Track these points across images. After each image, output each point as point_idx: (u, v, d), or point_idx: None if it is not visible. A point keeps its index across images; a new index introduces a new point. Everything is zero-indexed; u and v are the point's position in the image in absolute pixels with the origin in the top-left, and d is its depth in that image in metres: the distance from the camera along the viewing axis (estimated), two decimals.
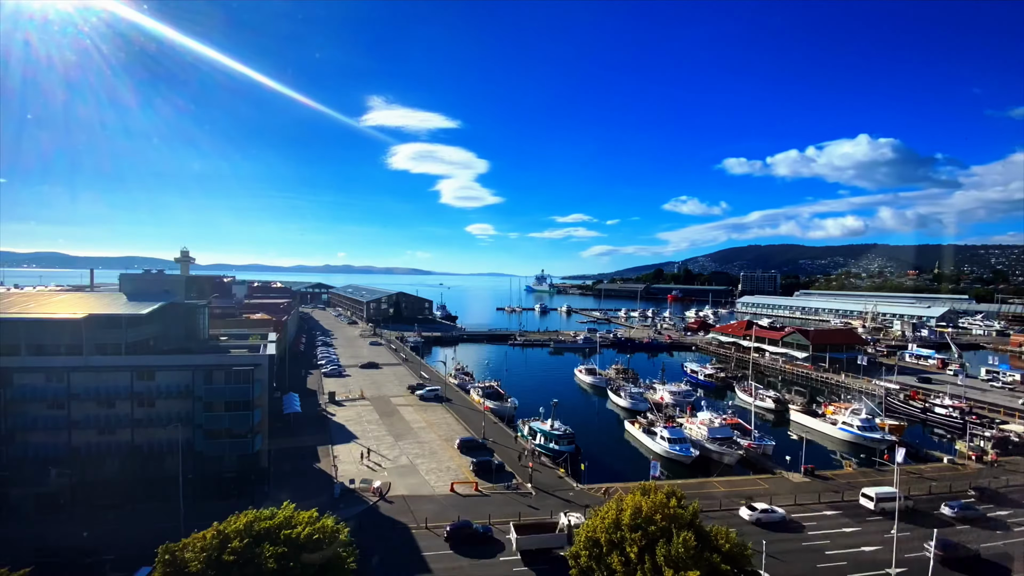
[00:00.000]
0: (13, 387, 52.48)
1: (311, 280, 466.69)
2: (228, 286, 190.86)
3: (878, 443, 79.21)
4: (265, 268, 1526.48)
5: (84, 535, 47.73)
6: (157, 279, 79.55)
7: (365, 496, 57.63)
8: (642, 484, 41.28)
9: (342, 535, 35.36)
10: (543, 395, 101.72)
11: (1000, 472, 68.35)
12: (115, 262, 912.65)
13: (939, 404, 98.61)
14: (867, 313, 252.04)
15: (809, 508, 57.89)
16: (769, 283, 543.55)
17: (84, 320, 55.40)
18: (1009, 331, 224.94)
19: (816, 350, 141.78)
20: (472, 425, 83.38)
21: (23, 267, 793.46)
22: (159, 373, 56.14)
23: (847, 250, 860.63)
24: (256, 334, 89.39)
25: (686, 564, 32.18)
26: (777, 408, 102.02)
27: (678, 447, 73.10)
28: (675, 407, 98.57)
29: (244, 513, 34.78)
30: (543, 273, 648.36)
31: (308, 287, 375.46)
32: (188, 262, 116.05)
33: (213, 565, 31.04)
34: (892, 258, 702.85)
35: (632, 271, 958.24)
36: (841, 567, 45.86)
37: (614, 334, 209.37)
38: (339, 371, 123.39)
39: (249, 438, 57.50)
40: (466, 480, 62.58)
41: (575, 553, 37.00)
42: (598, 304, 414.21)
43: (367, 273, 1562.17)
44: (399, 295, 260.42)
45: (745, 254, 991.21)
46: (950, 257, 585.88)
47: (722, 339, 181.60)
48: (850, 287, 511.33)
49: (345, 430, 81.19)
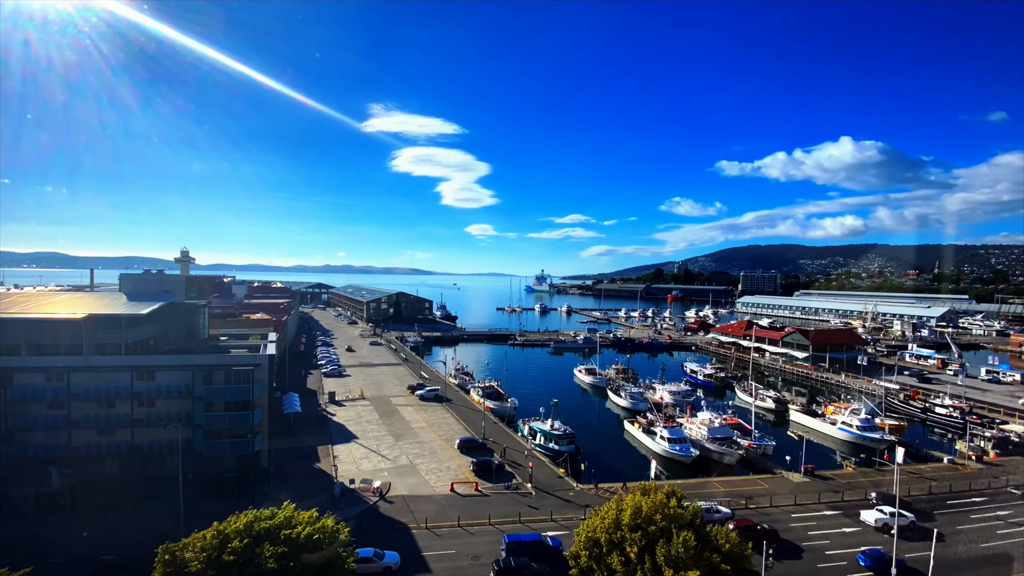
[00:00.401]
0: (13, 387, 52.47)
1: (311, 280, 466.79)
2: (228, 286, 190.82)
3: (878, 443, 79.22)
4: (265, 268, 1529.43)
5: (84, 535, 47.79)
6: (157, 279, 79.55)
7: (365, 496, 57.65)
8: (642, 484, 41.28)
9: (342, 535, 35.36)
10: (543, 395, 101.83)
11: (1000, 472, 68.38)
12: (115, 262, 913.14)
13: (939, 404, 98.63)
14: (867, 313, 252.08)
15: (809, 508, 57.90)
16: (769, 283, 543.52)
17: (84, 320, 55.36)
18: (1009, 331, 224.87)
19: (816, 350, 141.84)
20: (472, 425, 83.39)
21: (23, 267, 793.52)
22: (159, 373, 56.12)
23: (847, 250, 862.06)
24: (256, 334, 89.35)
25: (686, 564, 32.19)
26: (777, 408, 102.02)
27: (678, 447, 73.09)
28: (675, 407, 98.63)
29: (244, 513, 34.79)
30: (543, 273, 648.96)
31: (308, 287, 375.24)
32: (188, 262, 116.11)
33: (213, 565, 31.05)
34: (892, 258, 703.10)
35: (632, 271, 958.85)
36: (841, 567, 45.89)
37: (614, 334, 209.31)
38: (339, 371, 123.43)
39: (249, 438, 57.49)
40: (466, 480, 62.59)
41: (575, 553, 36.99)
42: (598, 304, 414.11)
43: (367, 273, 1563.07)
44: (399, 295, 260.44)
45: (745, 254, 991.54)
46: (950, 257, 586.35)
47: (722, 339, 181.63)
48: (850, 287, 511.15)
49: (345, 430, 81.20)
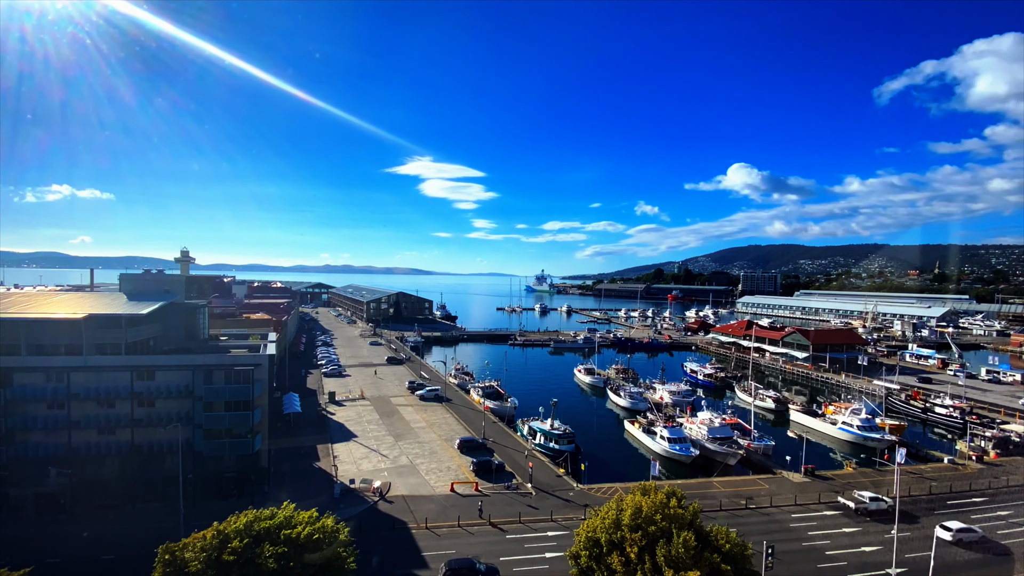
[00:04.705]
0: (13, 387, 52.46)
1: (311, 280, 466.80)
2: (228, 286, 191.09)
3: (878, 443, 79.18)
4: (265, 268, 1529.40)
5: (84, 535, 47.78)
6: (157, 279, 79.18)
7: (365, 496, 57.66)
8: (642, 484, 41.22)
9: (342, 535, 35.30)
10: (543, 395, 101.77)
11: (1000, 472, 68.36)
12: (115, 262, 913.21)
13: (939, 404, 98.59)
14: (867, 313, 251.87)
15: (809, 508, 57.88)
16: (769, 283, 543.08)
17: (84, 320, 55.33)
18: (1009, 331, 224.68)
19: (816, 350, 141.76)
20: (472, 425, 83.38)
21: (23, 267, 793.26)
22: (159, 373, 56.10)
23: (847, 250, 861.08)
24: (256, 334, 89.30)
25: (686, 564, 32.12)
26: (777, 408, 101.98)
27: (678, 447, 73.08)
28: (675, 407, 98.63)
29: (244, 513, 34.73)
30: (543, 273, 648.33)
31: (308, 287, 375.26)
32: (188, 262, 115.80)
33: (213, 565, 31.00)
34: (892, 258, 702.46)
35: (632, 271, 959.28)
36: (841, 567, 45.84)
37: (614, 334, 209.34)
38: (339, 371, 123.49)
39: (249, 438, 57.45)
40: (466, 480, 62.58)
41: (575, 553, 36.92)
42: (598, 304, 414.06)
43: (367, 273, 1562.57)
44: (399, 295, 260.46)
45: (745, 254, 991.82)
46: (950, 257, 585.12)
47: (722, 339, 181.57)
48: (850, 287, 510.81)
49: (345, 430, 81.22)
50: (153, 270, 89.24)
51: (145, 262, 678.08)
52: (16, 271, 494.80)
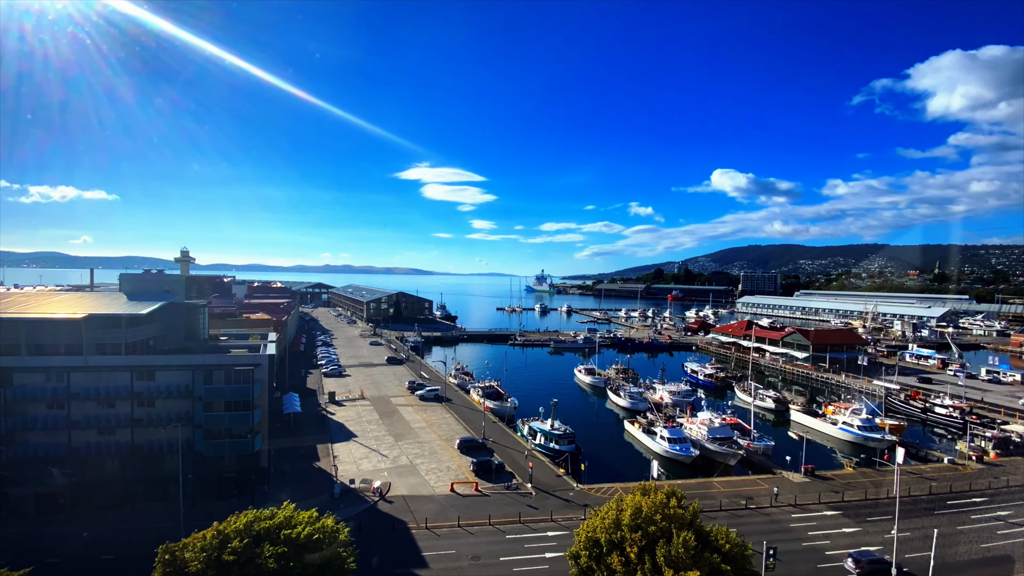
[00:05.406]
0: (13, 387, 52.46)
1: (311, 280, 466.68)
2: (228, 286, 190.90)
3: (878, 443, 79.18)
4: (265, 268, 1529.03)
5: (84, 535, 47.78)
6: (157, 279, 79.27)
7: (365, 496, 57.66)
8: (642, 484, 41.22)
9: (342, 535, 35.30)
10: (543, 395, 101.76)
11: (1000, 472, 68.35)
12: (115, 262, 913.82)
13: (939, 404, 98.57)
14: (867, 313, 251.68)
15: (809, 508, 57.90)
16: (769, 283, 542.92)
17: (84, 320, 55.35)
18: (1009, 331, 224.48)
19: (816, 350, 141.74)
20: (472, 425, 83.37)
21: (23, 267, 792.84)
22: (159, 373, 56.11)
23: (847, 250, 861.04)
24: (256, 334, 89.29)
25: (686, 564, 32.12)
26: (777, 408, 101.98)
27: (678, 447, 73.07)
28: (675, 407, 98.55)
29: (244, 513, 34.73)
30: (543, 273, 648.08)
31: (308, 287, 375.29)
32: (188, 262, 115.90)
33: (213, 565, 31.00)
34: (892, 258, 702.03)
35: (631, 271, 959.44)
36: (841, 567, 45.85)
37: (614, 334, 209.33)
38: (339, 371, 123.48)
39: (249, 438, 57.46)
40: (466, 480, 62.58)
41: (575, 553, 36.91)
42: (598, 304, 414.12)
43: (367, 273, 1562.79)
44: (399, 295, 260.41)
45: (745, 254, 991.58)
46: (950, 258, 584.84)
47: (722, 339, 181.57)
48: (850, 287, 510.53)
49: (345, 430, 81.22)
50: (153, 270, 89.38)
51: (145, 262, 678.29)
52: (16, 271, 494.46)
